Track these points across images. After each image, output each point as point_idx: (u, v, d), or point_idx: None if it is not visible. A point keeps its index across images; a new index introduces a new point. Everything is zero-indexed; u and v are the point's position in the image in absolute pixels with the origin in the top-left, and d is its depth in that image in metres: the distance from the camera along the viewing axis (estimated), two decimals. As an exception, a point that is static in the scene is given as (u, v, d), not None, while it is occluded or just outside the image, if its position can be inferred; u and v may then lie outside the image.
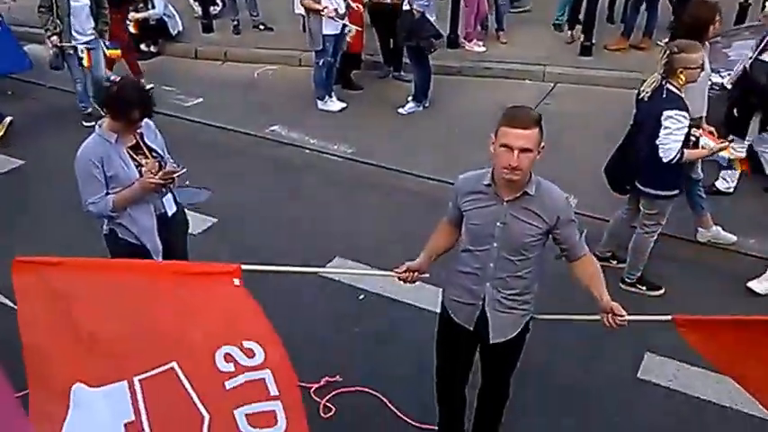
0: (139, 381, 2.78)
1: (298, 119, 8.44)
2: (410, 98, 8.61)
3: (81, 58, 7.96)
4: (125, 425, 2.76)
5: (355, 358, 4.85)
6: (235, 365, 2.82)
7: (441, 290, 3.75)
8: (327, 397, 4.47)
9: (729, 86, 6.29)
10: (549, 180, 3.45)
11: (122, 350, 2.87)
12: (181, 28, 10.83)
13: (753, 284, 5.43)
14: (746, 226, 6.05)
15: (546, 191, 3.39)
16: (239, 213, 6.57)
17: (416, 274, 3.62)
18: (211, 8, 11.28)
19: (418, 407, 4.33)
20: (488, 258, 3.44)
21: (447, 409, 4.04)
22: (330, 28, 8.16)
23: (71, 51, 7.93)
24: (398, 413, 4.39)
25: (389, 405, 4.44)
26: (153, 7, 10.38)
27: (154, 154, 4.30)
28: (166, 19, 10.59)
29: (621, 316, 3.28)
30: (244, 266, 3.12)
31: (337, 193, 6.96)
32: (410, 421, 4.34)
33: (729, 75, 6.56)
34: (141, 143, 4.26)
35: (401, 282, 3.66)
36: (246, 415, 2.76)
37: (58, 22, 7.75)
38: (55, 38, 7.81)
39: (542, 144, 3.27)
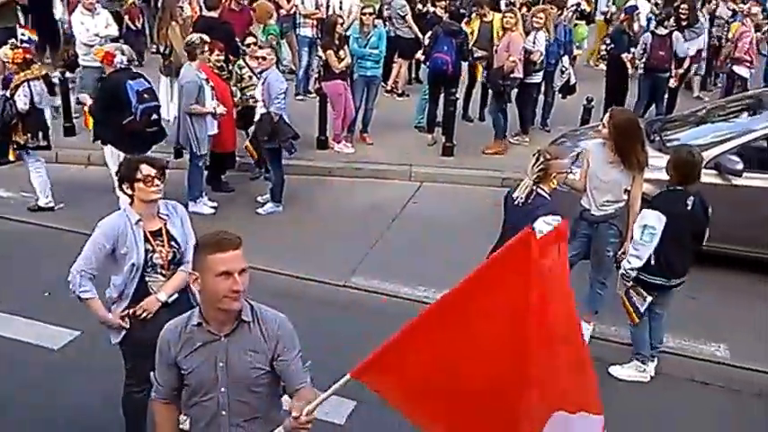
0: None
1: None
2: (267, 197, 8.63)
3: None
4: None
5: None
6: None
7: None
8: None
9: None
10: (416, 277, 3.38)
11: None
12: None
13: (614, 369, 5.77)
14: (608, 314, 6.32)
15: (261, 314, 3.05)
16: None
17: None
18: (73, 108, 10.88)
19: None
20: (218, 407, 3.02)
21: None
22: (211, 128, 8.23)
23: None
24: None
25: None
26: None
27: (173, 243, 4.24)
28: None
29: (300, 417, 2.83)
30: None
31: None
32: None
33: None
34: (164, 230, 4.24)
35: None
36: None
37: None
38: None
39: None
